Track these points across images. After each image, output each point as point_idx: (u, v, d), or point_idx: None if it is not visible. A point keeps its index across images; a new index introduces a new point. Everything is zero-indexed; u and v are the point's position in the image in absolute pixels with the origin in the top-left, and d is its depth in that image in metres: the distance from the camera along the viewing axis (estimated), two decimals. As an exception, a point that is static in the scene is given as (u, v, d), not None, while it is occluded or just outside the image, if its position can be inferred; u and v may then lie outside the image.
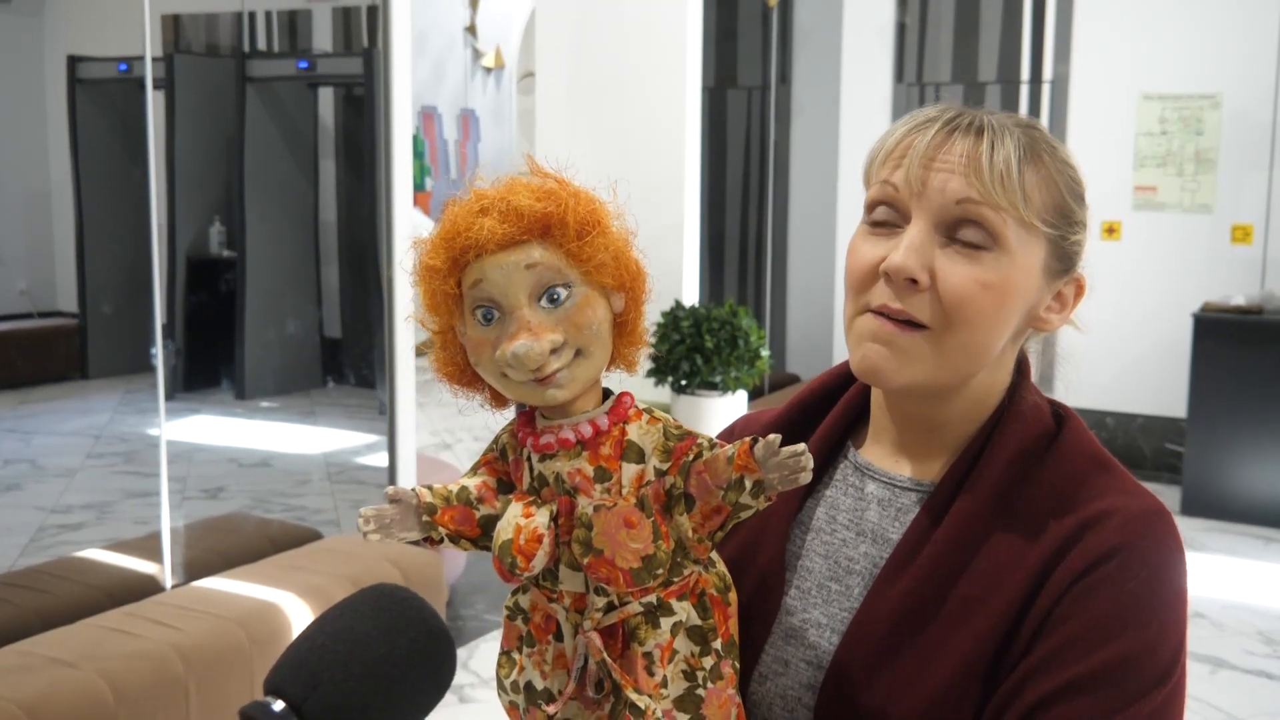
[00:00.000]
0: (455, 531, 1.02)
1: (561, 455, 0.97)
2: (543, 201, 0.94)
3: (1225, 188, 6.47)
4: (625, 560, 0.94)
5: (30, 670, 2.76)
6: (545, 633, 1.01)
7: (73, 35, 5.80)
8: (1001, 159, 1.01)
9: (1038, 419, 1.09)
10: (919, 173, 1.03)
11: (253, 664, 3.10)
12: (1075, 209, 1.07)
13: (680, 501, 0.96)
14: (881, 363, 1.04)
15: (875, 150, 1.09)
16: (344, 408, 6.56)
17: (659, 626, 0.97)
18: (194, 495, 5.06)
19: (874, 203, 1.07)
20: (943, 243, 1.03)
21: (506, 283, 0.93)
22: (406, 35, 4.15)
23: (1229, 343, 5.84)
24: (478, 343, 0.96)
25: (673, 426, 0.99)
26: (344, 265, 6.97)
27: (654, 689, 0.97)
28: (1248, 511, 5.90)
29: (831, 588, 1.10)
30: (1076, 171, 1.08)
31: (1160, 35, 6.53)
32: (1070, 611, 0.98)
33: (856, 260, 1.07)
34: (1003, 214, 1.01)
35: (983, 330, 1.03)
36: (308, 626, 1.00)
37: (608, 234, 0.96)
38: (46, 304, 5.81)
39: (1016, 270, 1.03)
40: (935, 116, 1.05)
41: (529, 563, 0.95)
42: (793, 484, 0.93)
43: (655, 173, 5.47)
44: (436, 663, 1.01)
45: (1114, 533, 1.01)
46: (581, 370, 0.96)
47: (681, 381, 5.11)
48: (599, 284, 0.96)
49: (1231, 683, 4.16)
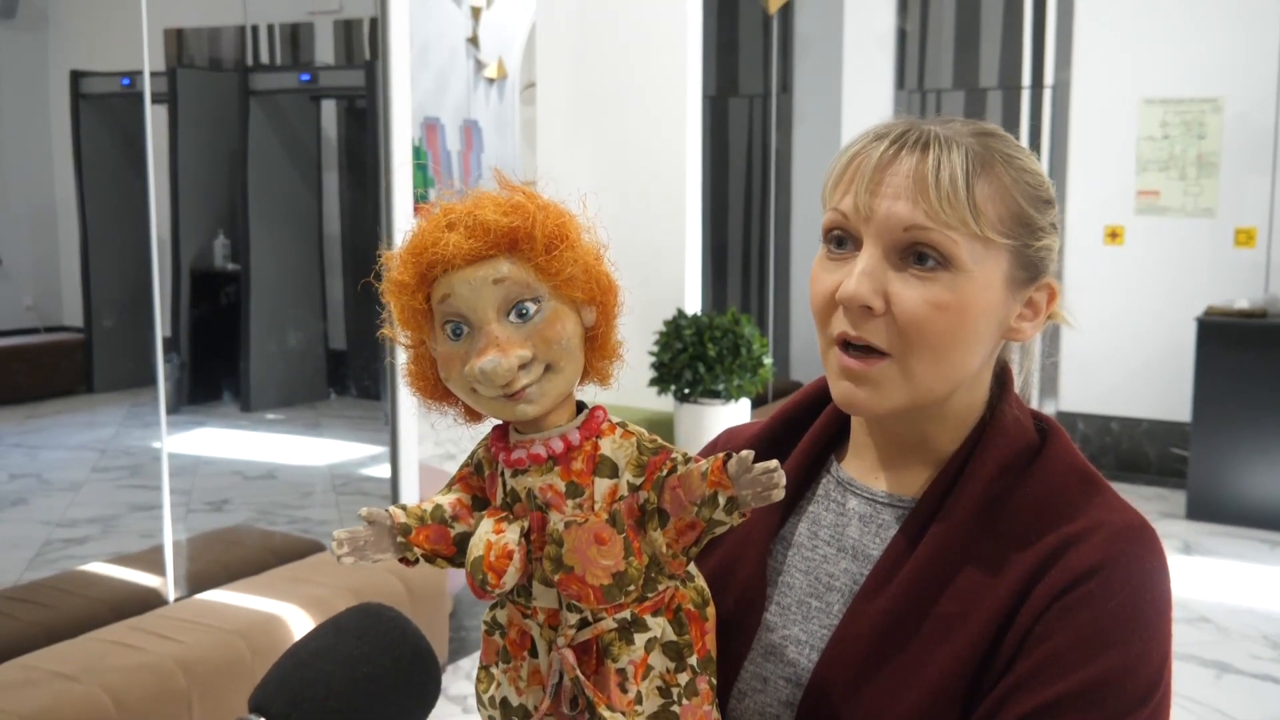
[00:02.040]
0: (431, 551, 1.01)
1: (533, 470, 0.96)
2: (510, 216, 0.93)
3: (1228, 191, 6.46)
4: (596, 577, 0.93)
5: (33, 685, 2.77)
6: (521, 648, 1.00)
7: (76, 50, 5.82)
8: (948, 176, 0.99)
9: (1020, 434, 1.08)
10: (866, 198, 1.01)
11: (255, 676, 3.10)
12: (1036, 216, 1.04)
13: (654, 517, 0.96)
14: (858, 398, 1.04)
15: (829, 171, 1.07)
16: (348, 419, 6.56)
17: (633, 643, 0.96)
18: (199, 508, 5.06)
19: (828, 229, 1.06)
20: (897, 266, 1.02)
21: (474, 298, 0.92)
22: (405, 47, 4.17)
23: (1233, 346, 5.83)
24: (447, 358, 0.95)
25: (647, 441, 0.98)
26: (348, 277, 6.97)
27: (628, 706, 0.96)
28: (1253, 515, 5.88)
29: (811, 604, 1.09)
30: (1038, 176, 1.05)
31: (1161, 40, 6.52)
32: (1051, 629, 0.97)
33: (817, 289, 1.06)
34: (952, 233, 1.00)
35: (945, 350, 1.02)
36: (292, 645, 1.01)
37: (576, 247, 0.95)
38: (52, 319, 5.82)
39: (975, 287, 1.01)
40: (884, 133, 1.04)
41: (500, 579, 0.95)
42: (765, 500, 0.92)
43: (657, 181, 5.48)
44: (420, 682, 1.01)
45: (1096, 549, 0.99)
46: (552, 385, 0.95)
47: (684, 390, 5.11)
48: (569, 298, 0.95)
49: (1236, 687, 4.15)
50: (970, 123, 1.06)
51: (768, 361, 5.22)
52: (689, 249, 5.54)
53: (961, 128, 1.04)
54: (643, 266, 5.20)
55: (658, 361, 5.11)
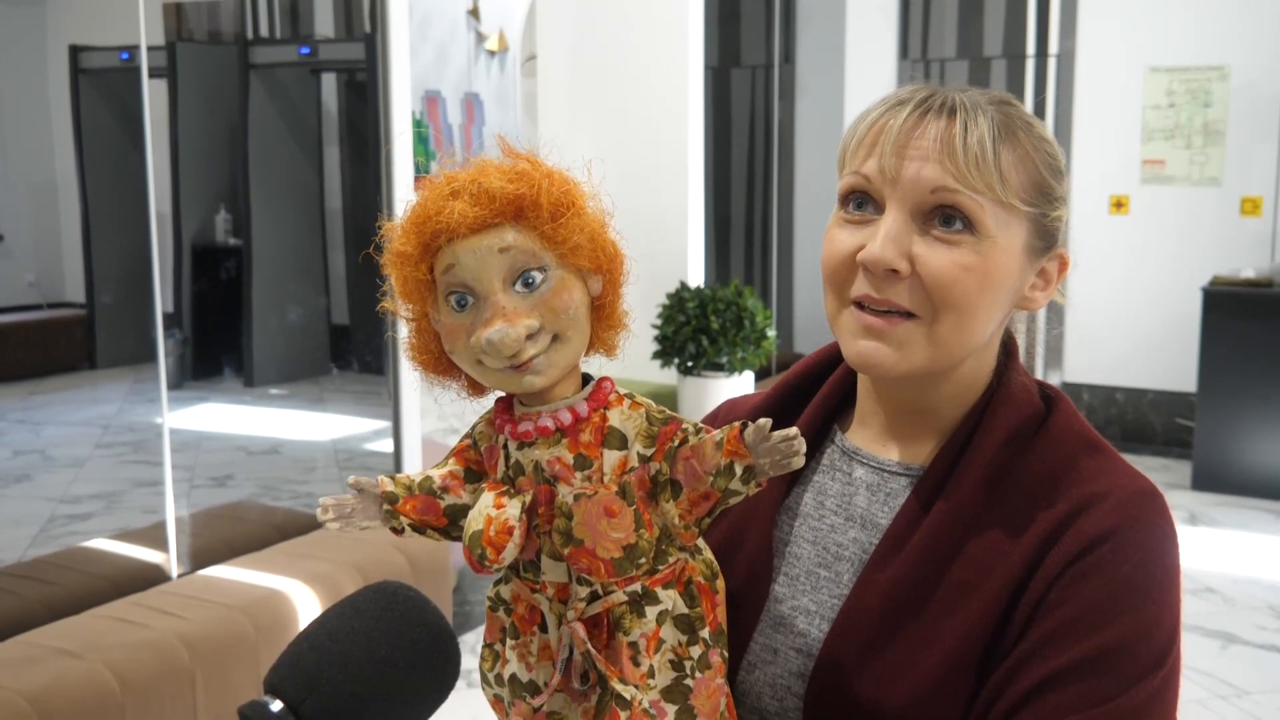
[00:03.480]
0: (419, 521, 1.00)
1: (540, 443, 0.95)
2: (515, 183, 0.91)
3: (1234, 160, 6.43)
4: (606, 550, 0.92)
5: (36, 661, 2.76)
6: (529, 624, 0.99)
7: (74, 24, 5.79)
8: (975, 140, 0.99)
9: (1027, 401, 1.07)
10: (892, 161, 1.00)
11: (259, 652, 3.10)
12: (1054, 185, 1.05)
13: (666, 488, 0.95)
14: (877, 357, 1.03)
15: (848, 136, 1.06)
16: (351, 394, 6.55)
17: (644, 615, 0.95)
18: (202, 483, 5.06)
19: (848, 192, 1.05)
20: (920, 230, 1.01)
21: (479, 267, 0.91)
22: (404, 20, 4.14)
23: (1239, 316, 5.81)
24: (452, 330, 0.93)
25: (655, 411, 0.97)
26: (350, 252, 6.95)
27: (640, 679, 0.95)
28: (1259, 486, 5.88)
29: (820, 574, 1.09)
30: (1053, 146, 1.05)
31: (1167, 7, 6.47)
32: (1064, 596, 0.97)
33: (833, 249, 1.05)
34: (979, 198, 0.99)
35: (970, 312, 1.01)
36: (309, 625, 0.99)
37: (583, 215, 0.94)
38: (54, 295, 5.81)
39: (998, 252, 1.01)
40: (907, 98, 1.03)
41: (498, 555, 0.93)
42: (784, 469, 0.91)
43: (659, 154, 5.45)
44: (439, 664, 0.99)
45: (1107, 516, 0.99)
46: (559, 355, 0.93)
47: (688, 363, 5.09)
48: (575, 267, 0.93)
49: (1242, 657, 4.15)
50: (986, 91, 1.06)
51: (771, 334, 5.20)
52: (691, 221, 5.52)
53: (979, 95, 1.04)
54: (645, 239, 5.18)
55: (661, 334, 5.09)
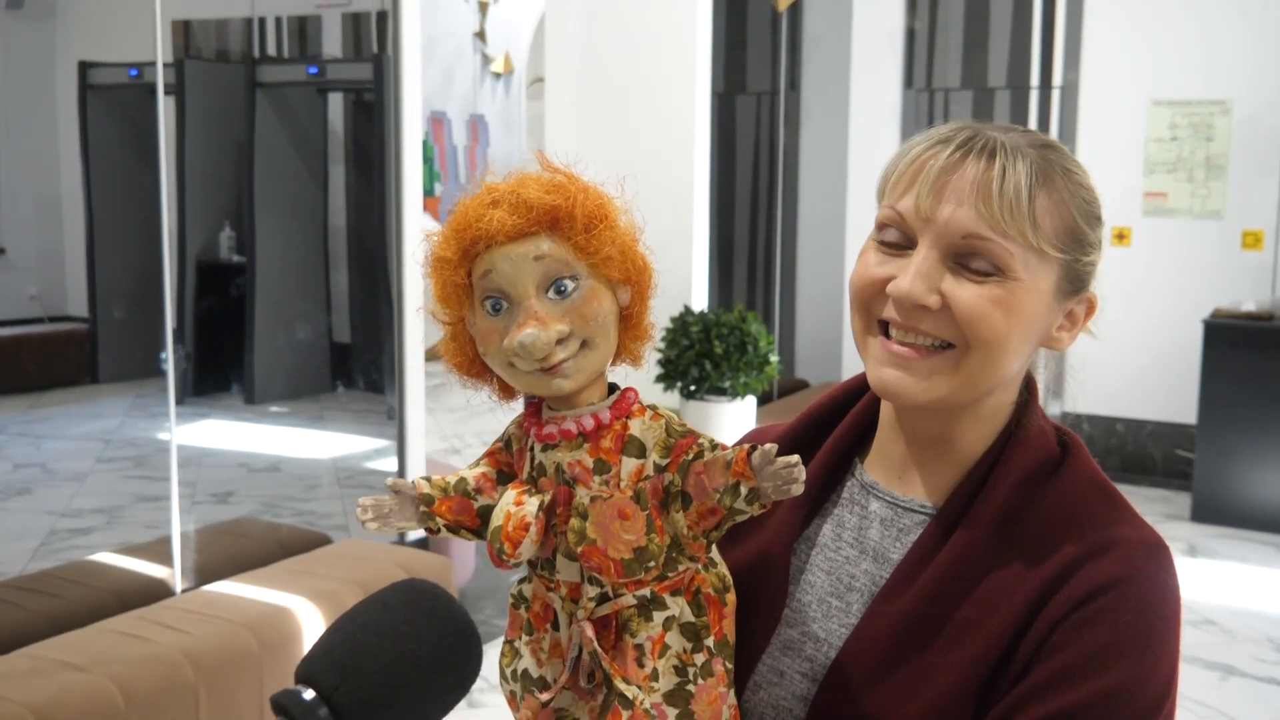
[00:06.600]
0: (454, 522, 1.05)
1: (563, 446, 0.99)
2: (552, 195, 0.96)
3: (1235, 193, 6.46)
4: (617, 551, 0.96)
5: (40, 674, 2.76)
6: (543, 621, 1.03)
7: (84, 41, 5.81)
8: (1012, 186, 1.00)
9: (1043, 444, 1.09)
10: (929, 201, 1.02)
11: (262, 668, 3.10)
12: (1088, 231, 1.06)
13: (678, 499, 0.98)
14: (901, 385, 1.05)
15: (890, 168, 1.08)
16: (353, 413, 6.56)
17: (651, 620, 0.99)
18: (204, 500, 5.06)
19: (883, 224, 1.07)
20: (951, 268, 1.03)
21: (515, 273, 0.95)
22: (416, 41, 4.16)
23: (1239, 349, 5.83)
24: (486, 332, 0.98)
25: (676, 424, 1.00)
26: (353, 270, 6.97)
27: (643, 681, 0.98)
28: (1258, 518, 5.88)
29: (832, 603, 1.11)
30: (1092, 192, 1.06)
31: (1170, 41, 6.52)
32: (1067, 639, 0.99)
33: (864, 273, 1.07)
34: (1011, 243, 1.01)
35: (1000, 346, 1.03)
36: (339, 619, 1.03)
37: (615, 228, 0.98)
38: (57, 309, 5.82)
39: (1025, 293, 1.02)
40: (950, 137, 1.04)
41: (515, 549, 0.97)
42: (785, 494, 0.94)
43: (664, 178, 5.47)
44: (464, 658, 1.03)
45: (1113, 565, 1.01)
46: (587, 361, 0.98)
47: (690, 387, 5.10)
48: (605, 277, 0.98)
49: (1241, 689, 4.15)
50: (1029, 133, 1.06)
51: (774, 359, 5.22)
52: (696, 246, 5.54)
53: (1021, 138, 1.05)
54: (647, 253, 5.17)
55: (664, 358, 5.11)
